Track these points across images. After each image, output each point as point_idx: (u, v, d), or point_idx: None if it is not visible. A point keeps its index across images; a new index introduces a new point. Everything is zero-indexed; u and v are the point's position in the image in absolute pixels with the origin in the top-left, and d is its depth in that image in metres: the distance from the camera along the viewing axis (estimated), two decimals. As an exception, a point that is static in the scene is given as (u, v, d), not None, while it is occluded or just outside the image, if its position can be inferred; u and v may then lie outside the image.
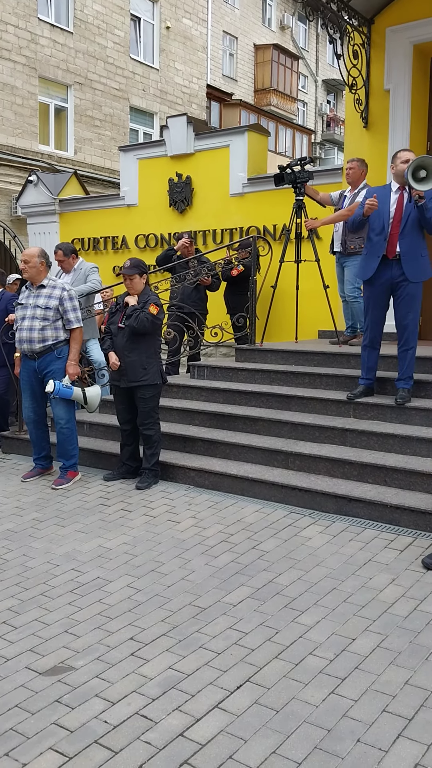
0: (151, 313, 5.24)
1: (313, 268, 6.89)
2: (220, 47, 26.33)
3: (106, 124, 18.64)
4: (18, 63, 16.26)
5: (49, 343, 5.49)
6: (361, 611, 3.33)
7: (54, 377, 5.46)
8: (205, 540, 4.28)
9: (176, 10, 20.67)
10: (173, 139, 9.81)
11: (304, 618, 3.29)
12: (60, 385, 5.40)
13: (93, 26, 17.99)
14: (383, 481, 4.68)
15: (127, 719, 2.59)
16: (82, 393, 5.60)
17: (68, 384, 5.49)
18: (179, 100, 21.00)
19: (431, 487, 4.47)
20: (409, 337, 5.14)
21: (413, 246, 5.03)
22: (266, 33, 29.03)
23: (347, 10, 6.88)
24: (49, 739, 2.50)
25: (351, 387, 5.61)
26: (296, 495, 4.78)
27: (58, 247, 7.19)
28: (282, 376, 6.19)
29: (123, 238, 10.57)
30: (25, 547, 4.34)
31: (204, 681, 2.82)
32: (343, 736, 2.44)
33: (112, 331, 5.44)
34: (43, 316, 5.47)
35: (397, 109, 7.13)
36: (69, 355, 5.58)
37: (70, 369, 5.55)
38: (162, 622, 3.33)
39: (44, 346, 5.48)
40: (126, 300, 5.38)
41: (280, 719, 2.56)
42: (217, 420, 5.91)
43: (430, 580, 3.61)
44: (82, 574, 3.91)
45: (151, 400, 5.35)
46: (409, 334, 5.14)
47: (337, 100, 34.85)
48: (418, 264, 5.06)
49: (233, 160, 9.28)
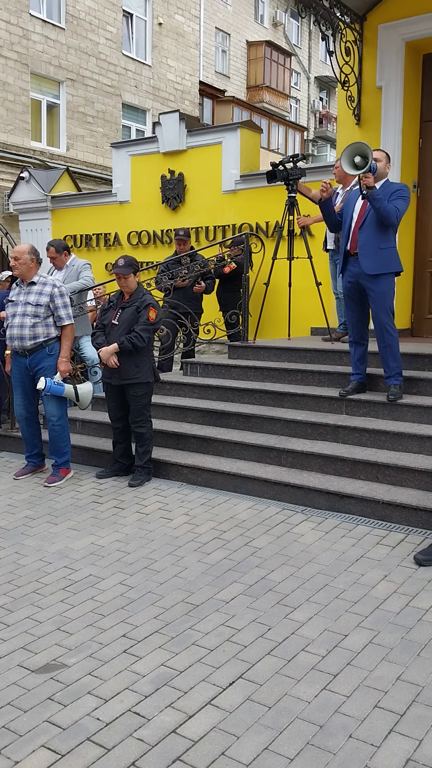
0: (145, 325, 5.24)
1: (306, 265, 6.89)
2: (212, 44, 26.30)
3: (99, 120, 18.59)
4: (9, 59, 16.19)
5: (40, 340, 5.48)
6: (354, 607, 3.34)
7: (45, 374, 5.44)
8: (197, 537, 4.29)
9: (169, 6, 20.62)
10: (166, 135, 9.79)
11: (296, 614, 3.30)
12: (51, 382, 5.39)
13: (85, 22, 17.93)
14: (375, 477, 4.70)
15: (119, 716, 2.59)
16: (73, 390, 5.59)
17: (60, 381, 5.47)
18: (172, 96, 20.96)
19: (423, 483, 4.49)
20: (385, 334, 5.12)
21: (369, 240, 5.03)
22: (259, 30, 29.01)
23: (340, 6, 6.88)
24: (41, 736, 2.50)
25: (343, 384, 5.62)
26: (289, 492, 4.79)
27: (50, 244, 7.17)
28: (275, 373, 6.20)
29: (115, 235, 10.54)
30: (17, 545, 4.33)
31: (197, 678, 2.82)
32: (336, 732, 2.45)
33: (105, 328, 5.42)
34: (34, 313, 5.46)
35: (389, 106, 7.14)
36: (60, 352, 5.56)
37: (62, 366, 5.53)
38: (155, 619, 3.33)
39: (35, 343, 5.47)
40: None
41: (273, 715, 2.56)
42: (209, 417, 5.91)
43: (422, 576, 3.62)
44: (75, 571, 3.91)
45: (143, 398, 5.34)
46: (384, 331, 5.12)
47: (330, 97, 34.87)
48: (375, 258, 5.03)
49: (226, 156, 9.27)
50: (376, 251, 5.02)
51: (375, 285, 5.07)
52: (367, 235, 5.03)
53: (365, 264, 5.04)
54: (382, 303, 5.10)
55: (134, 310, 5.30)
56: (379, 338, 5.19)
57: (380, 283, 5.07)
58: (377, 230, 5.02)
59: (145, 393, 5.35)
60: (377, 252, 5.02)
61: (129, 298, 5.40)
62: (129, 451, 5.57)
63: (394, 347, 5.16)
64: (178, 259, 7.65)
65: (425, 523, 4.21)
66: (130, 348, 5.21)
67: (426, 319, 7.52)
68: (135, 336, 5.20)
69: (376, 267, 5.03)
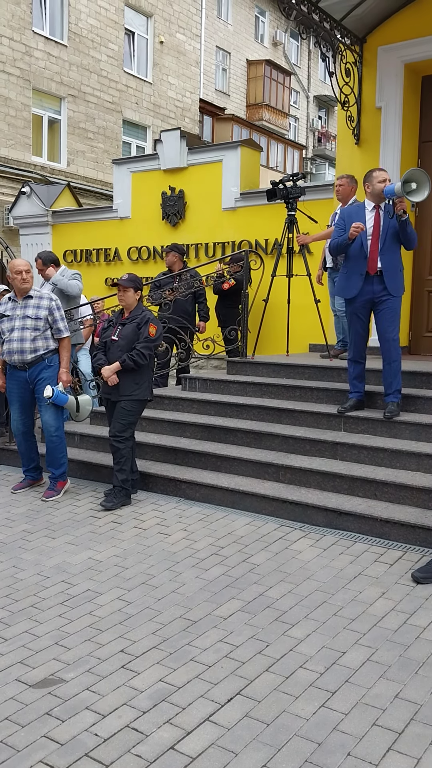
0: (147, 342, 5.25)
1: (305, 282, 6.94)
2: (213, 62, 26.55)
3: (99, 136, 18.74)
4: (12, 75, 16.35)
5: (40, 353, 5.51)
6: (352, 625, 3.34)
7: (47, 384, 5.46)
8: (195, 553, 4.29)
9: (170, 25, 20.86)
10: (166, 153, 9.87)
11: (294, 631, 3.30)
12: (57, 391, 5.43)
13: (87, 39, 18.12)
14: (373, 494, 4.71)
15: (117, 732, 2.58)
16: (75, 401, 5.63)
17: (63, 391, 5.51)
18: (172, 113, 21.14)
19: (421, 501, 4.50)
20: (392, 351, 5.20)
21: (393, 261, 5.17)
22: (259, 49, 29.31)
23: (340, 28, 6.98)
24: (39, 752, 2.49)
25: (342, 400, 5.64)
26: (287, 508, 4.80)
27: (39, 256, 7.09)
28: (273, 389, 6.22)
29: (116, 251, 10.60)
30: (15, 559, 4.33)
31: (195, 694, 2.82)
32: (334, 750, 2.45)
33: (107, 344, 5.43)
34: (34, 326, 5.48)
35: (388, 126, 7.23)
36: (61, 364, 5.60)
37: (64, 377, 5.57)
38: (153, 634, 3.32)
39: (36, 356, 5.49)
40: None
41: (271, 732, 2.56)
42: (208, 432, 5.92)
43: (419, 593, 3.62)
44: (73, 586, 3.90)
45: (132, 414, 5.30)
46: (392, 348, 5.20)
47: (329, 116, 35.17)
48: (398, 279, 5.20)
49: (226, 174, 9.35)
50: (397, 272, 5.20)
51: (393, 303, 5.21)
52: (390, 257, 5.16)
53: (392, 285, 5.16)
54: (396, 320, 5.23)
55: (135, 327, 5.32)
56: (386, 356, 5.22)
57: (396, 302, 5.22)
58: (397, 252, 5.19)
59: (136, 410, 5.32)
60: (398, 273, 5.20)
61: (129, 315, 5.42)
62: (133, 466, 5.53)
63: (399, 364, 5.25)
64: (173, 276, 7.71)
65: (423, 540, 4.22)
66: (132, 366, 5.22)
67: (424, 337, 7.56)
68: (137, 353, 5.21)
69: (399, 288, 5.21)
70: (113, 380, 5.26)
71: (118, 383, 5.27)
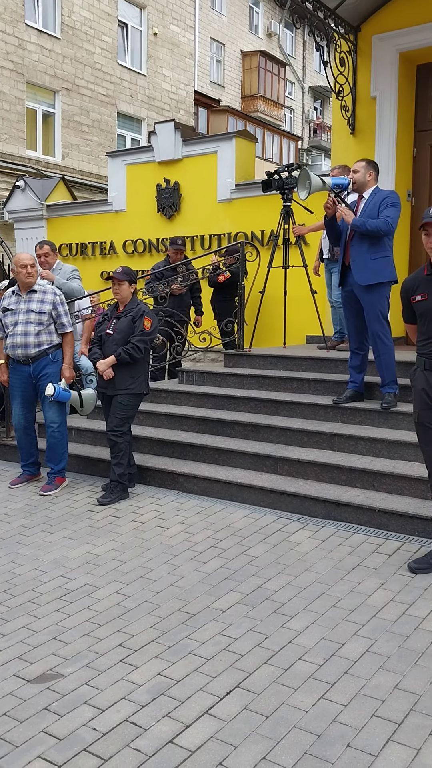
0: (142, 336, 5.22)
1: (301, 273, 6.91)
2: (207, 54, 26.44)
3: (94, 129, 18.65)
4: (5, 68, 16.24)
5: (44, 348, 5.49)
6: (350, 616, 3.33)
7: (50, 381, 5.45)
8: (194, 546, 4.28)
9: (164, 17, 20.73)
10: (161, 145, 9.82)
11: (293, 623, 3.29)
12: (59, 389, 5.40)
13: (80, 32, 18.01)
14: (371, 485, 4.70)
15: (116, 726, 2.58)
16: (78, 396, 5.61)
17: (66, 387, 5.49)
18: (167, 106, 21.04)
19: (419, 491, 4.49)
20: (378, 344, 5.17)
21: (361, 251, 5.13)
22: (253, 40, 29.19)
23: (334, 17, 6.93)
24: (37, 747, 2.48)
25: (339, 392, 5.63)
26: (285, 500, 4.79)
27: (45, 243, 6.98)
28: (270, 381, 6.20)
29: (111, 244, 10.56)
30: (12, 554, 4.32)
31: (193, 687, 2.81)
32: (333, 741, 2.44)
33: (102, 338, 5.41)
34: (38, 320, 5.46)
35: (383, 116, 7.18)
36: (64, 359, 5.58)
37: (67, 372, 5.55)
38: (151, 628, 3.31)
39: (40, 350, 5.47)
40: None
41: (270, 725, 2.55)
42: (205, 425, 5.90)
43: (418, 584, 3.62)
44: (71, 580, 3.89)
45: (129, 408, 5.28)
46: (377, 341, 5.17)
47: (324, 107, 35.06)
48: (366, 269, 5.11)
49: (221, 166, 9.30)
50: (367, 262, 5.11)
51: (367, 295, 5.14)
52: (358, 247, 5.14)
53: (357, 275, 5.14)
54: (374, 312, 5.15)
55: (130, 320, 5.29)
56: (373, 347, 5.22)
57: (372, 293, 5.13)
58: (368, 241, 5.11)
59: (132, 404, 5.31)
60: (368, 263, 5.11)
61: (124, 309, 5.40)
62: (130, 459, 5.52)
63: (389, 356, 5.19)
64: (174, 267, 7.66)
65: (421, 531, 4.21)
66: (128, 359, 5.20)
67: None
68: (132, 347, 5.18)
69: (368, 278, 5.11)
70: (109, 374, 5.23)
71: (113, 377, 5.25)
